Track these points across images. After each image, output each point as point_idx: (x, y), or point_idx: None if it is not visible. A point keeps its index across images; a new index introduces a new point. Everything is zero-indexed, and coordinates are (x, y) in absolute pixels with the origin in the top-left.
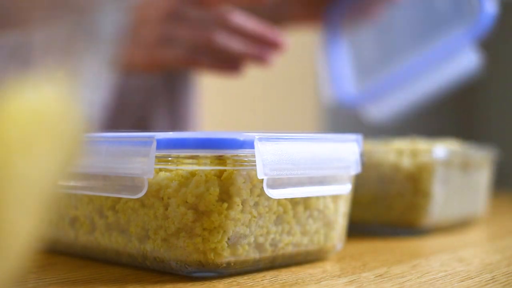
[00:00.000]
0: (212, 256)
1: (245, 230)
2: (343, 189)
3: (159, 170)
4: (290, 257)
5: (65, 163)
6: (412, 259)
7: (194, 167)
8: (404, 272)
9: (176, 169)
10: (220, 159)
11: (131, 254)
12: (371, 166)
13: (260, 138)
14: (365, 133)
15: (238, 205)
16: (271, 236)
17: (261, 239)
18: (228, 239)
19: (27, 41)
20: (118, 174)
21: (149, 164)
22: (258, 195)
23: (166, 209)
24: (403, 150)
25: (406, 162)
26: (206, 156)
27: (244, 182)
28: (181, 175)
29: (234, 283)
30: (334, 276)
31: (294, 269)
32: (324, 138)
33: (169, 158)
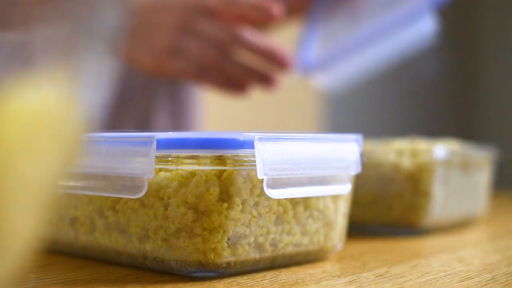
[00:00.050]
0: (212, 256)
1: (245, 230)
2: (343, 189)
3: (159, 170)
4: (290, 257)
5: (65, 163)
6: (412, 259)
7: (194, 167)
8: (404, 272)
9: (176, 169)
10: (220, 159)
11: (131, 254)
12: (371, 166)
13: (260, 138)
14: (365, 133)
15: (238, 205)
16: (271, 236)
17: (261, 239)
18: (228, 239)
19: (28, 41)
20: (118, 174)
21: (149, 164)
22: (258, 195)
23: (166, 209)
24: (403, 150)
25: (406, 162)
26: (206, 156)
27: (244, 182)
28: (181, 175)
29: (234, 283)
30: (334, 276)
31: (294, 269)
32: (324, 138)
33: (169, 158)
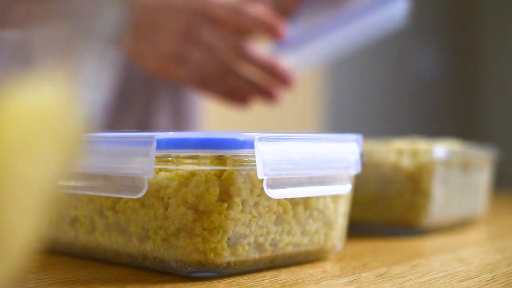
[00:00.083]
0: (212, 256)
1: (245, 230)
2: (343, 189)
3: (159, 170)
4: (290, 257)
5: (65, 163)
6: (412, 259)
7: (194, 167)
8: (404, 272)
9: (176, 169)
10: (220, 159)
11: (131, 254)
12: (371, 166)
13: (260, 138)
14: (365, 133)
15: (238, 205)
16: (271, 236)
17: (261, 239)
18: (228, 239)
19: (28, 41)
20: (118, 174)
21: (149, 164)
22: (258, 195)
23: (166, 209)
24: (403, 150)
25: (406, 162)
26: (206, 156)
27: (244, 182)
28: (181, 175)
29: (234, 283)
30: (334, 276)
31: (294, 269)
32: (324, 138)
33: (169, 158)
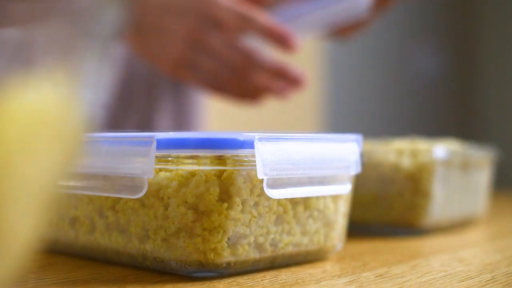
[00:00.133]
0: (212, 256)
1: (245, 230)
2: (343, 189)
3: (159, 170)
4: (290, 257)
5: (65, 163)
6: (412, 259)
7: (194, 167)
8: (404, 272)
9: (176, 169)
10: (220, 159)
11: (131, 254)
12: (371, 166)
13: (260, 138)
14: (365, 133)
15: (238, 205)
16: (271, 236)
17: (261, 239)
18: (228, 239)
19: (28, 41)
20: (118, 174)
21: (149, 164)
22: (258, 195)
23: (166, 209)
24: (403, 150)
25: (406, 162)
26: (206, 156)
27: (244, 182)
28: (181, 175)
29: (234, 283)
30: (334, 276)
31: (294, 269)
32: (324, 138)
33: (169, 158)
